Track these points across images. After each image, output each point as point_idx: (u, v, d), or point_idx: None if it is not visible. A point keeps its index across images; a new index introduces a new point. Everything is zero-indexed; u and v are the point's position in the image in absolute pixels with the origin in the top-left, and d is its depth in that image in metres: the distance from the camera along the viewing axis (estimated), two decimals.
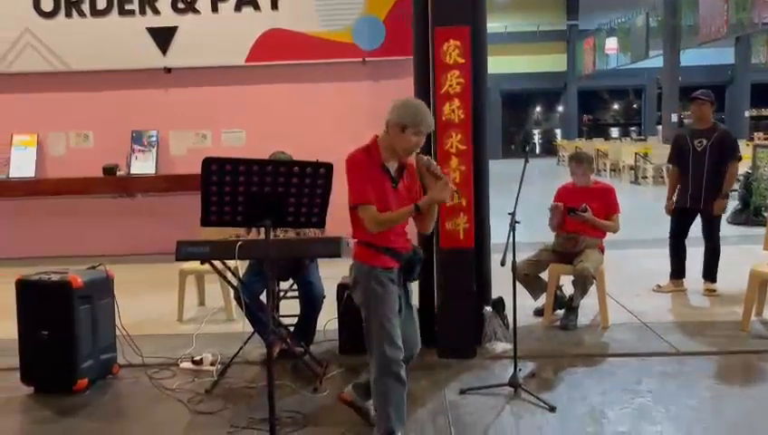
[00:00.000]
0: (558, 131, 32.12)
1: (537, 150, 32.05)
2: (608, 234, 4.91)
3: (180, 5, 7.59)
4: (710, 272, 5.54)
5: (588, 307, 4.91)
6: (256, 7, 7.57)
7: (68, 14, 7.63)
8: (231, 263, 3.96)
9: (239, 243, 3.68)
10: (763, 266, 4.65)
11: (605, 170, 17.86)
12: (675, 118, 18.59)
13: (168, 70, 7.71)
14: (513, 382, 3.65)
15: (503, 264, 3.48)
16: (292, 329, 4.30)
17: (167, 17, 7.60)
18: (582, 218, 4.68)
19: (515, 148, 30.57)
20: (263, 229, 4.04)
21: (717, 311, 5.09)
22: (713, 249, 5.55)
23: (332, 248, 3.75)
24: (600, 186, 5.01)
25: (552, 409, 3.42)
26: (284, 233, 4.08)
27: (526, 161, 3.88)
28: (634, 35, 20.32)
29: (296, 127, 7.60)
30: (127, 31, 7.59)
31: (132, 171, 7.76)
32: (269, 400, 2.61)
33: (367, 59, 7.52)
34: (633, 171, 16.15)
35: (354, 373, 4.03)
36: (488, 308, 4.34)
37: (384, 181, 2.91)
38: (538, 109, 34.42)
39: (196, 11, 7.60)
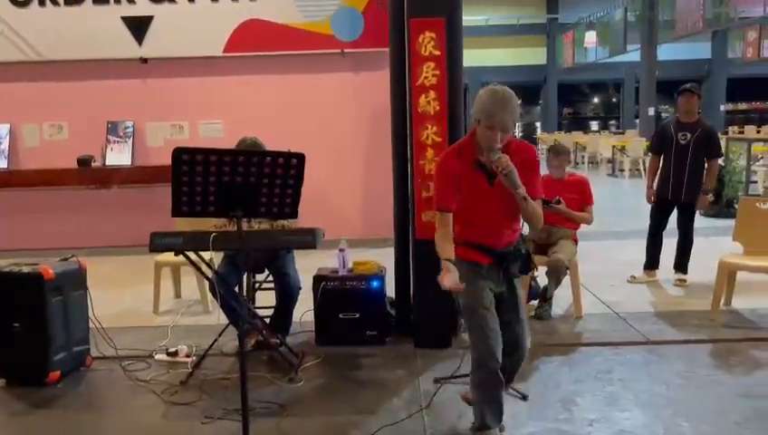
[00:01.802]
0: (538, 124, 32.28)
1: None
2: (582, 225, 4.96)
3: None
4: (682, 263, 5.64)
5: (562, 298, 4.98)
6: None
7: (41, 3, 7.52)
8: (207, 254, 3.94)
9: (213, 234, 3.66)
10: (731, 257, 4.75)
11: (583, 163, 18.03)
12: (652, 112, 18.78)
13: (144, 60, 7.63)
14: None
15: None
16: (268, 320, 4.32)
17: (142, 6, 7.51)
18: (556, 210, 4.72)
19: None
20: (243, 220, 4.10)
21: (688, 301, 5.18)
22: (686, 241, 5.65)
23: (308, 240, 3.74)
24: (575, 178, 5.06)
25: (525, 397, 3.47)
26: (259, 224, 4.08)
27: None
28: (612, 29, 20.46)
29: (275, 118, 7.57)
30: (101, 20, 7.50)
31: (108, 163, 7.68)
32: (241, 389, 2.62)
33: (346, 50, 7.50)
34: (611, 164, 16.32)
35: (330, 364, 4.07)
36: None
37: (477, 180, 2.73)
38: (519, 102, 34.55)
39: (172, 0, 7.52)
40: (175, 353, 4.18)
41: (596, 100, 35.21)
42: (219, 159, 2.40)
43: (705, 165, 5.62)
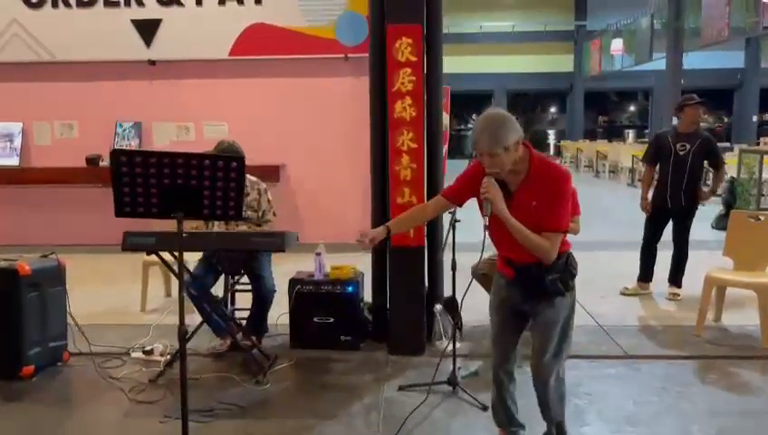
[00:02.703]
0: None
1: (551, 151, 31.80)
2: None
3: None
4: (676, 276, 5.53)
5: None
6: (240, 1, 7.62)
7: (54, 5, 7.72)
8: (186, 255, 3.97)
9: (184, 235, 3.70)
10: (718, 272, 4.62)
11: (604, 172, 17.76)
12: (675, 121, 18.39)
13: (153, 62, 7.77)
14: (452, 381, 3.66)
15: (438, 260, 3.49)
16: (244, 323, 4.35)
17: (151, 10, 7.66)
18: None
19: None
20: (222, 223, 4.13)
21: (678, 315, 5.07)
22: (680, 254, 5.53)
23: (277, 242, 3.76)
24: None
25: (485, 408, 3.42)
26: (236, 226, 4.12)
27: None
28: (638, 37, 20.13)
29: (278, 121, 7.65)
30: (112, 23, 7.66)
31: None
32: (181, 390, 2.64)
33: (349, 55, 7.53)
34: (631, 173, 16.05)
35: (301, 367, 4.08)
36: (438, 306, 4.35)
37: None
38: (552, 109, 34.20)
39: (180, 4, 7.65)
40: (150, 352, 4.23)
41: (632, 108, 34.65)
42: (159, 161, 2.43)
43: (703, 174, 5.51)
